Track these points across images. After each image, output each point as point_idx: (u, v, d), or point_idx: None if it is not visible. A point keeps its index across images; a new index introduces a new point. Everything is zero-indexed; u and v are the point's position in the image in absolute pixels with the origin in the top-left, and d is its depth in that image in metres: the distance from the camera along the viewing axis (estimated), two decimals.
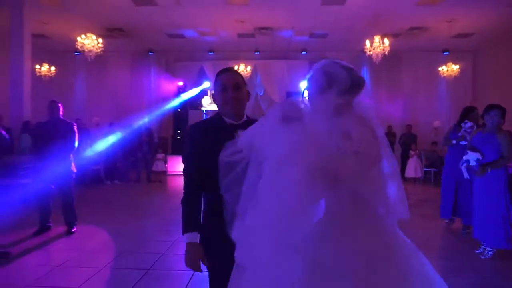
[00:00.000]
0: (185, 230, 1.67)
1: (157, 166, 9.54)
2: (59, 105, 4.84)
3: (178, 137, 11.04)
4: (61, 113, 4.85)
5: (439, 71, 10.72)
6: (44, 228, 4.66)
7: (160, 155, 9.71)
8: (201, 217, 1.76)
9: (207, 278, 1.74)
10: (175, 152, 10.94)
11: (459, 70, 10.85)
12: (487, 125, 3.86)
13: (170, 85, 11.81)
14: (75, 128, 4.88)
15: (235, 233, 1.37)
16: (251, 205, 1.31)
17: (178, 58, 12.61)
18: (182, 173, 1.84)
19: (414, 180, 9.79)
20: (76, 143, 4.82)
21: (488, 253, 3.77)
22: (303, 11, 9.10)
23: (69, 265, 3.65)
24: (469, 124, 4.39)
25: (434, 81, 11.95)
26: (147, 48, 12.26)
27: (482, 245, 3.85)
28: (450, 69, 10.42)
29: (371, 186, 1.37)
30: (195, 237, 1.66)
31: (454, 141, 4.67)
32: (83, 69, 12.34)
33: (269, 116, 1.44)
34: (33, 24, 8.85)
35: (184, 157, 1.83)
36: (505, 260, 3.76)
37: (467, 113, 4.73)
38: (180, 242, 4.39)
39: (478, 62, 12.64)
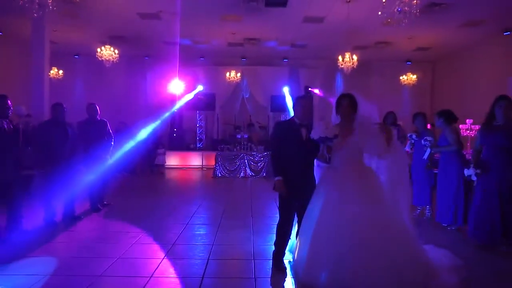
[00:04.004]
0: (276, 174, 3.59)
1: (158, 160, 11.17)
2: (97, 107, 6.32)
3: (174, 135, 12.65)
4: (98, 113, 6.32)
5: (400, 79, 12.88)
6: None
7: (160, 150, 11.33)
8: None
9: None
10: (171, 148, 12.56)
11: (418, 78, 13.08)
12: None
13: (165, 88, 13.34)
14: (109, 126, 6.36)
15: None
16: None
17: (171, 62, 14.14)
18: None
19: None
20: (112, 141, 6.32)
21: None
22: (287, 27, 10.95)
23: (125, 223, 5.33)
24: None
25: (398, 88, 14.12)
26: (143, 53, 13.78)
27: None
28: (409, 78, 12.61)
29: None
30: (280, 178, 3.54)
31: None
32: (82, 71, 13.73)
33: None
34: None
35: (272, 139, 3.89)
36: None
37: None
38: (202, 209, 6.15)
39: (437, 71, 14.99)
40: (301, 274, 3.27)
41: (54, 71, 11.66)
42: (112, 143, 6.26)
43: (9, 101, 4.46)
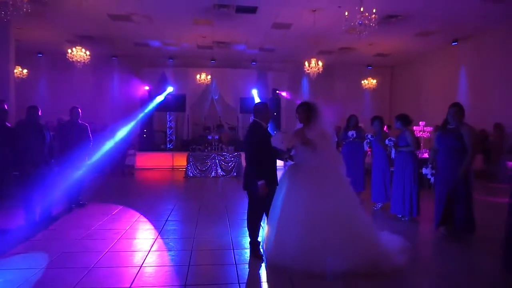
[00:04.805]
0: (259, 178, 3.89)
1: (129, 161, 11.29)
2: (79, 110, 6.57)
3: (144, 136, 12.79)
4: (80, 117, 6.56)
5: (362, 83, 13.82)
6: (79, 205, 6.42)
7: (131, 151, 11.45)
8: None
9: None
10: (141, 149, 12.68)
11: (378, 83, 14.08)
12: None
13: (135, 89, 13.43)
14: (89, 129, 6.62)
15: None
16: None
17: (141, 64, 14.25)
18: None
19: None
20: (91, 143, 6.57)
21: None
22: (256, 32, 11.48)
23: (105, 221, 5.59)
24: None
25: (360, 92, 15.08)
26: (111, 53, 13.76)
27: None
28: (370, 82, 13.58)
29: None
30: (263, 181, 3.88)
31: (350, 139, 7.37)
32: (45, 70, 13.52)
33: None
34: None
35: (251, 143, 4.04)
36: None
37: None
38: (178, 207, 6.51)
39: (394, 76, 16.13)
40: (269, 257, 3.85)
41: (17, 70, 11.42)
42: (91, 145, 6.49)
43: (5, 105, 4.64)
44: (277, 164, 4.20)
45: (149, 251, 4.27)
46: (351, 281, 3.41)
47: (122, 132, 10.18)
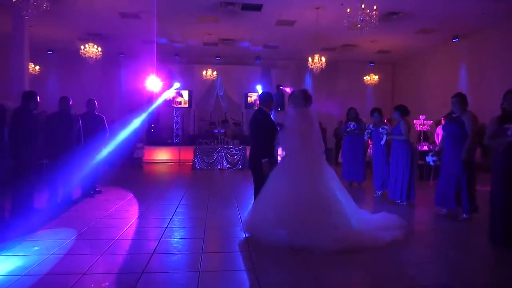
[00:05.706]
0: (264, 158, 4.41)
1: (138, 154, 11.75)
2: (95, 102, 7.02)
3: (152, 130, 13.24)
4: (96, 108, 7.01)
5: (364, 79, 14.20)
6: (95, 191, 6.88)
7: (139, 144, 11.90)
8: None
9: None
10: (149, 143, 13.13)
11: (380, 79, 14.46)
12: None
13: (141, 85, 13.85)
14: (105, 120, 7.06)
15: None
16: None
17: (147, 60, 14.64)
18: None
19: None
20: (108, 133, 7.02)
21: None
22: (261, 29, 11.89)
23: (122, 204, 6.02)
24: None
25: (362, 87, 15.45)
26: (118, 50, 14.21)
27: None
28: (371, 78, 13.95)
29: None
30: (266, 159, 4.40)
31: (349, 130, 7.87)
32: (56, 67, 13.99)
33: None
34: None
35: (273, 127, 4.53)
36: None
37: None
38: (189, 194, 6.94)
39: (396, 72, 16.50)
40: (243, 224, 4.49)
41: (30, 67, 11.90)
42: (107, 135, 6.94)
43: (38, 97, 5.12)
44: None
45: (166, 227, 4.70)
46: (347, 254, 3.68)
47: (131, 126, 10.59)
